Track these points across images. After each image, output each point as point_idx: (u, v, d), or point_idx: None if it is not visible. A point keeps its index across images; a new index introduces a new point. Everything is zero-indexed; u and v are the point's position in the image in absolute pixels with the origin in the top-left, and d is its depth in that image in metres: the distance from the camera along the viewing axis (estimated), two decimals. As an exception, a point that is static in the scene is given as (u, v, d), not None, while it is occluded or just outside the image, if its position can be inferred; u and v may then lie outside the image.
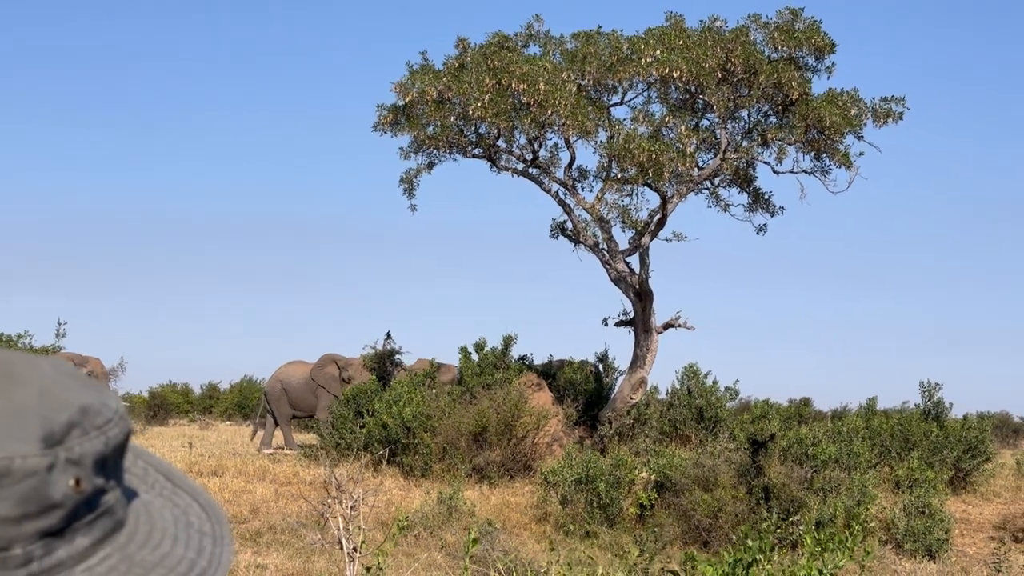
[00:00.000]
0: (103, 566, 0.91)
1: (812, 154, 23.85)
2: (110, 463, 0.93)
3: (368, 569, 6.18)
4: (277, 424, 27.15)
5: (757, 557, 5.75)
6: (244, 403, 45.06)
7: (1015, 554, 15.81)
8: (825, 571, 6.31)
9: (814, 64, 23.68)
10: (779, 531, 15.06)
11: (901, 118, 23.16)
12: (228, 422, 42.20)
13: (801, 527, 11.88)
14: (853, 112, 22.95)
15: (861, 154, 23.45)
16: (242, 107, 75.72)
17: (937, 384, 24.49)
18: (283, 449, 26.43)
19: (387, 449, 19.90)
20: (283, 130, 76.39)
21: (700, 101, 23.81)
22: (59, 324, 22.61)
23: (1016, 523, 18.56)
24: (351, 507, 6.58)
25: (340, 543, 6.45)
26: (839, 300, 70.51)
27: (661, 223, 23.94)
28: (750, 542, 5.73)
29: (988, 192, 70.16)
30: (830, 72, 23.84)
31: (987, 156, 71.46)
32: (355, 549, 6.44)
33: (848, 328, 70.37)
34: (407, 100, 23.24)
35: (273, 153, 75.39)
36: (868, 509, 16.10)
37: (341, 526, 6.50)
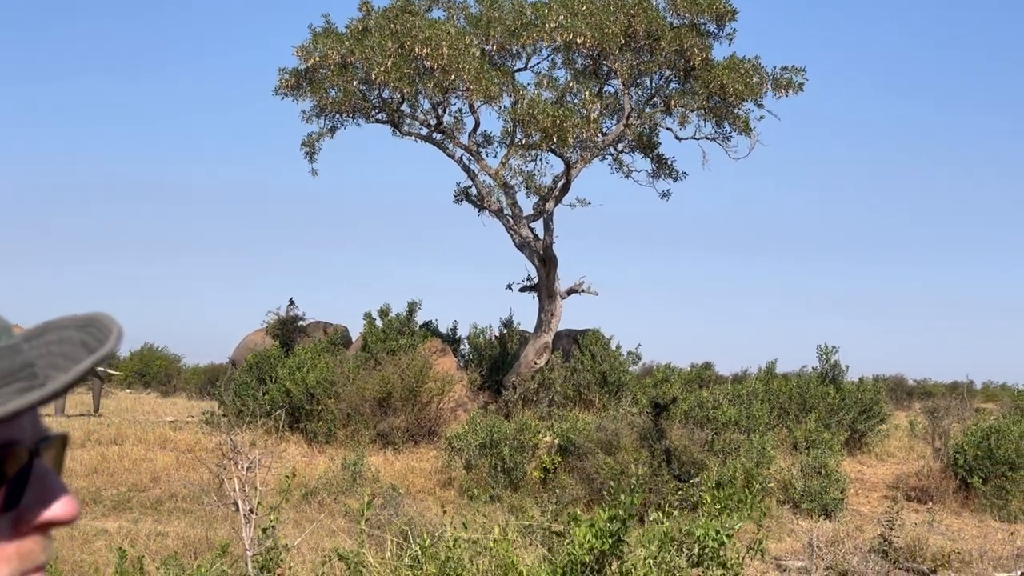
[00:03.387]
0: None
1: (713, 121, 24.06)
2: None
3: (264, 530, 6.14)
4: None
5: (631, 514, 5.80)
6: (145, 371, 44.40)
7: (907, 512, 16.22)
8: (723, 530, 6.39)
9: (715, 31, 23.84)
10: (681, 492, 15.28)
11: (801, 88, 23.44)
12: (128, 390, 41.53)
13: (702, 489, 12.05)
14: (754, 80, 23.16)
15: (761, 118, 23.73)
16: (139, 67, 74.32)
17: (834, 347, 24.82)
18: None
19: (283, 410, 19.75)
20: (181, 92, 75.14)
21: (604, 67, 23.86)
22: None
23: (909, 482, 19.02)
24: (247, 468, 6.52)
25: (236, 505, 6.39)
26: (739, 265, 71.60)
27: (565, 189, 24.01)
28: (624, 497, 5.77)
29: (884, 161, 71.59)
30: (731, 39, 24.04)
31: (885, 125, 72.90)
32: (251, 511, 6.39)
33: (748, 292, 71.56)
34: (309, 64, 22.93)
35: (169, 114, 74.13)
36: (766, 470, 16.41)
37: (237, 488, 6.44)
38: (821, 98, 74.09)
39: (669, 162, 25.53)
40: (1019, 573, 12.52)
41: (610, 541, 5.93)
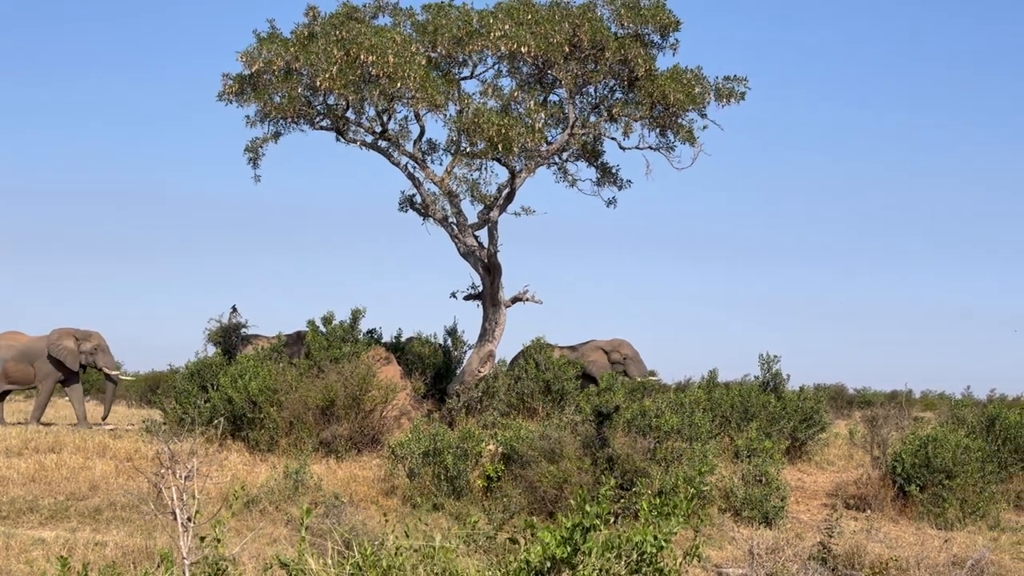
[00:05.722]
0: None
1: (657, 130, 24.19)
2: None
3: (203, 539, 6.10)
4: None
5: (595, 523, 5.84)
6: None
7: (846, 520, 16.40)
8: (660, 535, 6.43)
9: (659, 41, 23.96)
10: (623, 501, 15.34)
11: (743, 98, 23.58)
12: (66, 397, 41.00)
13: (642, 496, 12.09)
14: (697, 90, 23.30)
15: (704, 128, 23.83)
16: (83, 69, 73.56)
17: (776, 356, 24.97)
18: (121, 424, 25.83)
19: (223, 419, 19.59)
20: (123, 95, 74.45)
21: (549, 76, 23.93)
22: None
23: (848, 490, 19.22)
24: (185, 477, 6.47)
25: (174, 514, 6.35)
26: (682, 273, 72.09)
27: (510, 197, 24.05)
28: (588, 507, 5.81)
29: (825, 171, 72.39)
30: (675, 50, 24.16)
31: (825, 134, 73.74)
32: (189, 519, 6.35)
33: (691, 301, 72.05)
34: (253, 69, 22.76)
35: (111, 118, 73.41)
36: (707, 477, 16.50)
37: (175, 496, 6.39)
38: (763, 107, 74.81)
39: (614, 171, 25.64)
40: (955, 579, 12.69)
41: (568, 550, 5.97)
